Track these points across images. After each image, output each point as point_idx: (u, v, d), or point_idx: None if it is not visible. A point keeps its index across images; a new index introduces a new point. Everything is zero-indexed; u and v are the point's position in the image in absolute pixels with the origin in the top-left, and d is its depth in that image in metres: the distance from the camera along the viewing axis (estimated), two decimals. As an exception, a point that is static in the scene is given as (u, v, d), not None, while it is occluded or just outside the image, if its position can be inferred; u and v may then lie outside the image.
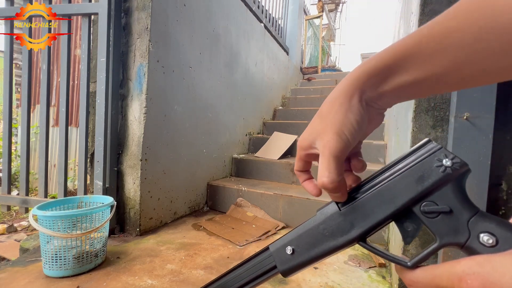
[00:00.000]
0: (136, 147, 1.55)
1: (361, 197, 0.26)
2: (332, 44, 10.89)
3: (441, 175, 0.23)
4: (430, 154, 0.24)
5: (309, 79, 4.69)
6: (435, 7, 0.92)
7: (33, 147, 3.37)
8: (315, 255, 0.27)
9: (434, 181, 0.23)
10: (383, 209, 0.25)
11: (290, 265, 0.28)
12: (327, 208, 0.27)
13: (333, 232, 0.26)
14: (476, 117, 0.82)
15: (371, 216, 0.25)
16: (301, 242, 0.27)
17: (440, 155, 0.23)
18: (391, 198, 0.24)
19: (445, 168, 0.23)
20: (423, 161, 0.24)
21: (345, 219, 0.26)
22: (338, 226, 0.26)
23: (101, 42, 1.46)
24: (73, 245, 1.13)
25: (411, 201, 0.24)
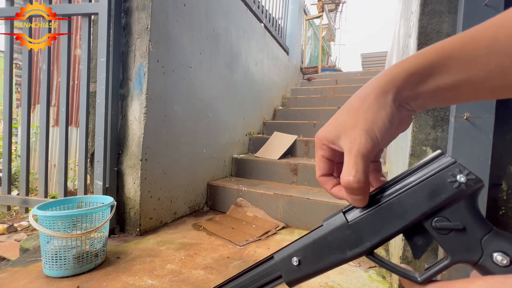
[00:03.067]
0: (136, 147, 1.55)
1: (370, 210, 0.25)
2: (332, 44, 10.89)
3: (455, 191, 0.22)
4: (443, 168, 0.23)
5: (309, 79, 4.69)
6: (435, 7, 0.92)
7: (33, 147, 3.37)
8: (322, 267, 0.26)
9: (447, 197, 0.22)
10: (393, 223, 0.24)
11: (297, 276, 0.27)
12: (334, 219, 0.26)
13: (340, 244, 0.25)
14: (476, 117, 0.82)
15: (380, 230, 0.24)
16: (307, 253, 0.27)
17: (454, 170, 0.22)
18: (402, 213, 0.24)
19: (459, 184, 0.22)
20: (436, 176, 0.23)
21: (353, 232, 0.25)
22: (345, 239, 0.25)
23: (101, 42, 1.46)
24: (73, 245, 1.13)
25: (422, 216, 0.23)
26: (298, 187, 2.10)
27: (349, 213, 0.26)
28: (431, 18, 0.92)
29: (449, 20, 0.91)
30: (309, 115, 3.18)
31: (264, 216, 1.89)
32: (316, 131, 2.82)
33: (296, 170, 2.20)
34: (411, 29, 1.09)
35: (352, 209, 0.26)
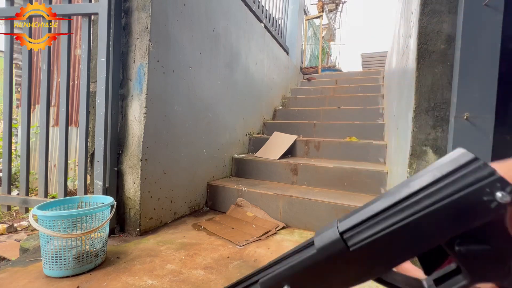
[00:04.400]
0: (136, 147, 1.55)
1: (379, 232, 0.19)
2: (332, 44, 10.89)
3: (492, 215, 0.17)
4: (478, 181, 0.18)
5: (309, 79, 4.69)
6: (435, 7, 0.92)
7: (33, 147, 3.37)
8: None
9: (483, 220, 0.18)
10: (408, 249, 0.19)
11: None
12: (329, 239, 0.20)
13: (339, 273, 0.21)
14: (476, 118, 0.82)
15: (392, 258, 0.20)
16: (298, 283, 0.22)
17: (493, 186, 0.17)
18: (421, 236, 0.19)
19: (498, 205, 0.17)
20: (470, 191, 0.18)
21: (356, 259, 0.20)
22: (345, 266, 0.20)
23: (101, 42, 1.46)
24: (73, 245, 1.13)
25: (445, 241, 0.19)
26: (298, 187, 2.10)
27: (348, 233, 0.20)
28: (431, 18, 0.92)
29: (449, 20, 0.91)
30: (309, 115, 3.18)
31: (264, 216, 1.89)
32: (316, 131, 2.80)
33: (296, 170, 2.20)
34: (411, 29, 1.09)
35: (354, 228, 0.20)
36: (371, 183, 1.92)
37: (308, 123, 2.92)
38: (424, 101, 0.93)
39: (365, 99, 3.26)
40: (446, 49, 0.91)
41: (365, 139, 2.50)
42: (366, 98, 3.26)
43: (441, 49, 0.91)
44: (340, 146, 2.40)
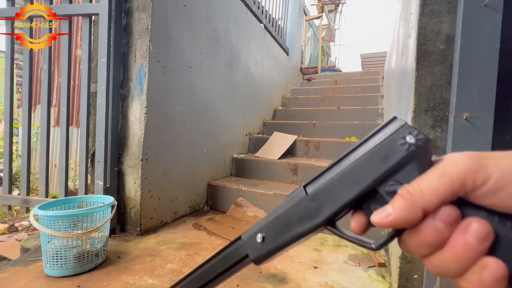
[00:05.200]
0: (136, 147, 1.55)
1: (328, 180, 0.25)
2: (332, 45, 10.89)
3: (405, 153, 0.22)
4: (394, 132, 0.23)
5: (309, 79, 4.69)
6: (434, 8, 0.93)
7: (34, 147, 3.37)
8: (284, 241, 0.26)
9: (398, 159, 0.22)
10: (348, 191, 0.24)
11: (260, 253, 0.27)
12: (296, 193, 0.27)
13: (300, 217, 0.26)
14: (476, 117, 0.82)
15: (337, 199, 0.24)
16: (270, 229, 0.27)
17: (404, 132, 0.22)
18: (357, 180, 0.23)
19: (409, 146, 0.22)
20: (388, 140, 0.23)
21: (312, 203, 0.25)
22: (305, 211, 0.26)
23: (101, 43, 1.46)
24: (74, 244, 1.14)
25: (375, 182, 0.23)
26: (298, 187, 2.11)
27: (309, 186, 0.26)
28: (431, 18, 0.93)
29: (448, 21, 0.91)
30: (309, 115, 3.18)
31: (264, 215, 1.89)
32: (316, 131, 2.80)
33: (296, 170, 2.21)
34: (411, 30, 1.09)
35: (313, 181, 0.26)
36: (371, 183, 1.93)
37: (308, 123, 2.92)
38: (423, 101, 0.93)
39: (364, 99, 3.26)
40: (445, 49, 0.91)
41: (365, 139, 2.50)
42: (366, 98, 3.27)
43: (441, 50, 0.92)
44: (340, 146, 2.41)
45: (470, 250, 0.18)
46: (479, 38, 0.82)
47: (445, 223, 0.19)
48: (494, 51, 0.81)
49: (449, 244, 0.19)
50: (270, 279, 1.17)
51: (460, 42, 0.84)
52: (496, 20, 0.80)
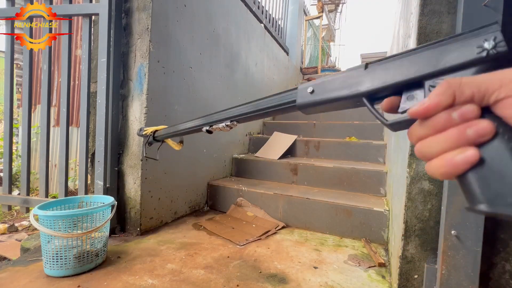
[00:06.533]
0: (136, 147, 1.55)
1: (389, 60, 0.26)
2: (332, 45, 10.89)
3: (473, 57, 0.21)
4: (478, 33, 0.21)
5: (309, 79, 4.69)
6: (434, 8, 0.92)
7: (34, 147, 3.37)
8: (327, 98, 0.30)
9: (463, 62, 0.21)
10: (398, 75, 0.24)
11: (306, 100, 0.32)
12: (357, 66, 0.29)
13: (350, 84, 0.28)
14: (475, 117, 0.82)
15: (385, 78, 0.26)
16: (322, 86, 0.31)
17: (489, 36, 0.20)
18: (412, 67, 0.23)
19: (482, 50, 0.20)
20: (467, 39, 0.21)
21: (365, 76, 0.27)
22: (356, 80, 0.28)
23: (101, 43, 1.46)
24: (74, 244, 1.14)
25: (427, 76, 0.23)
26: (298, 187, 2.11)
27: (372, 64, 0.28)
28: (431, 18, 0.93)
29: (448, 21, 0.91)
30: (309, 115, 3.17)
31: (264, 215, 1.89)
32: (316, 131, 2.80)
33: (296, 170, 2.21)
34: (411, 30, 1.09)
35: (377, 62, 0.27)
36: (371, 182, 1.93)
37: (308, 123, 2.92)
38: (423, 101, 0.94)
39: (365, 99, 3.25)
40: (445, 49, 0.91)
41: (365, 139, 2.50)
42: (366, 98, 3.26)
43: (441, 50, 0.92)
44: (340, 146, 2.41)
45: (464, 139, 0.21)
46: (479, 38, 0.82)
47: (461, 117, 0.21)
48: (494, 51, 0.81)
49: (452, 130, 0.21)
50: (270, 279, 1.17)
51: (460, 42, 0.84)
52: (496, 20, 0.80)
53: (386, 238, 1.56)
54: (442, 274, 0.85)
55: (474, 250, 0.82)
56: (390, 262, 1.27)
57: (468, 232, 0.82)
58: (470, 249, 0.82)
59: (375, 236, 1.59)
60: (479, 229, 0.81)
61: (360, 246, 1.54)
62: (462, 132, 0.21)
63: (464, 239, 0.83)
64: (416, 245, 0.94)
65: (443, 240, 0.84)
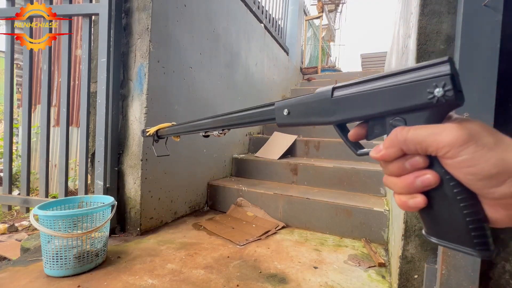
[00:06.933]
0: (136, 147, 1.55)
1: (353, 93, 0.28)
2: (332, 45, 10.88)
3: (425, 101, 0.23)
4: (432, 78, 0.23)
5: (309, 79, 4.69)
6: (434, 8, 0.92)
7: (34, 147, 3.37)
8: (302, 121, 0.34)
9: (416, 104, 0.24)
10: (364, 110, 0.27)
11: (284, 122, 0.36)
12: (324, 92, 0.31)
13: (320, 111, 0.31)
14: (476, 118, 0.82)
15: (351, 112, 0.29)
16: (296, 109, 0.34)
17: (439, 82, 0.22)
18: (375, 104, 0.26)
19: (433, 97, 0.22)
20: (421, 83, 0.23)
21: (331, 106, 0.30)
22: (325, 108, 0.31)
23: (101, 43, 1.46)
24: (74, 244, 1.14)
25: (388, 112, 0.26)
26: (298, 187, 2.11)
27: (337, 90, 0.30)
28: (431, 18, 0.93)
29: (448, 21, 0.91)
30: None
31: (264, 215, 1.89)
32: (316, 131, 2.79)
33: (296, 170, 2.21)
34: (411, 30, 1.09)
35: (342, 88, 0.30)
36: (371, 182, 1.93)
37: (308, 123, 2.91)
38: (423, 101, 0.94)
39: (365, 99, 3.26)
40: (445, 49, 0.91)
41: (365, 139, 2.50)
42: (366, 98, 3.26)
43: (441, 50, 0.92)
44: (340, 146, 2.40)
45: (413, 188, 0.25)
46: (479, 38, 0.82)
47: (411, 167, 0.25)
48: (494, 51, 0.81)
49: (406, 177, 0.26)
50: (270, 279, 1.17)
51: (460, 42, 0.84)
52: (496, 20, 0.80)
53: (386, 238, 1.56)
54: (442, 274, 0.85)
55: (474, 250, 0.82)
56: (390, 262, 1.27)
57: (468, 232, 0.82)
58: (470, 249, 0.82)
59: (375, 236, 1.59)
60: (479, 229, 0.81)
61: (360, 246, 1.54)
62: (413, 182, 0.25)
63: (464, 239, 0.82)
64: (416, 245, 0.94)
65: (443, 240, 0.84)
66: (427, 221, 0.27)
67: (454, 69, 0.22)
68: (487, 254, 0.24)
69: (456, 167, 0.23)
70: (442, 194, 0.25)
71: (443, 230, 0.26)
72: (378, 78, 0.26)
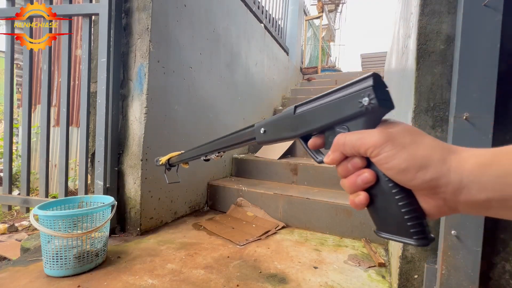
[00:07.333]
0: (136, 147, 1.55)
1: (308, 109, 0.34)
2: (332, 45, 10.88)
3: (357, 110, 0.28)
4: (359, 90, 0.28)
5: (309, 79, 4.69)
6: (434, 8, 0.92)
7: (34, 147, 3.37)
8: (276, 137, 0.39)
9: (352, 113, 0.29)
10: (317, 122, 0.33)
11: (262, 139, 0.41)
12: (288, 109, 0.37)
13: (287, 127, 0.37)
14: (476, 117, 0.82)
15: (309, 125, 0.34)
16: (270, 127, 0.40)
17: (365, 93, 0.27)
18: (324, 117, 0.32)
19: (362, 105, 0.28)
20: (353, 95, 0.29)
21: (294, 121, 0.35)
22: (290, 124, 0.36)
23: (101, 43, 1.46)
24: (74, 244, 1.14)
25: (334, 122, 0.31)
26: (298, 187, 2.11)
27: (299, 108, 0.35)
28: (431, 18, 0.93)
29: (448, 21, 0.91)
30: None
31: (264, 215, 1.89)
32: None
33: (296, 170, 2.21)
34: (411, 30, 1.09)
35: (302, 105, 0.35)
36: (371, 183, 1.92)
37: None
38: (423, 101, 0.93)
39: (365, 99, 3.25)
40: (445, 49, 0.91)
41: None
42: (366, 98, 3.26)
43: (441, 50, 0.92)
44: (340, 146, 2.40)
45: (356, 186, 0.29)
46: (479, 38, 0.82)
47: (352, 167, 0.30)
48: (494, 51, 0.81)
49: (350, 177, 0.30)
50: (270, 279, 1.17)
51: (460, 42, 0.84)
52: (496, 20, 0.80)
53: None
54: (442, 274, 0.85)
55: (474, 250, 0.82)
56: (390, 262, 1.27)
57: (468, 232, 0.82)
58: (470, 249, 0.82)
59: (375, 236, 1.59)
60: (479, 229, 0.81)
61: (360, 246, 1.54)
62: (355, 181, 0.29)
63: (464, 239, 0.83)
64: (416, 245, 0.94)
65: (443, 240, 0.84)
66: (375, 218, 0.30)
67: (379, 82, 0.28)
68: (424, 242, 0.27)
69: (380, 164, 0.27)
70: (380, 191, 0.28)
71: (387, 224, 0.29)
72: (328, 94, 0.32)
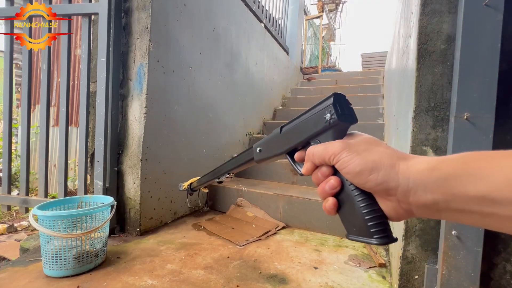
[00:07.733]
0: (136, 147, 1.55)
1: (289, 128, 0.38)
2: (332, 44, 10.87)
3: (324, 125, 0.33)
4: (323, 108, 0.33)
5: (309, 79, 4.69)
6: (435, 7, 0.92)
7: (33, 147, 3.37)
8: (270, 155, 0.43)
9: (320, 128, 0.34)
10: (297, 138, 0.37)
11: (259, 158, 0.44)
12: (276, 129, 0.41)
13: (277, 145, 0.41)
14: (476, 117, 0.82)
15: (291, 141, 0.38)
16: (264, 146, 0.44)
17: (327, 110, 0.32)
18: (301, 133, 0.36)
19: (326, 121, 0.33)
20: (319, 113, 0.34)
21: (280, 139, 0.40)
22: (277, 142, 0.41)
23: (101, 42, 1.46)
24: (73, 245, 1.13)
25: (309, 137, 0.35)
26: (298, 187, 2.10)
27: (284, 127, 0.40)
28: (431, 18, 0.92)
29: (449, 20, 0.91)
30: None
31: (264, 216, 1.89)
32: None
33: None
34: (411, 29, 1.09)
35: (286, 125, 0.39)
36: (371, 183, 1.92)
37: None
38: (424, 101, 0.93)
39: (365, 99, 3.26)
40: (446, 49, 0.91)
41: (365, 139, 2.49)
42: (366, 98, 3.26)
43: (441, 49, 0.91)
44: (340, 146, 2.40)
45: (325, 192, 0.33)
46: (480, 37, 0.82)
47: (322, 175, 0.33)
48: (495, 51, 0.81)
49: (321, 185, 0.33)
50: (270, 280, 1.16)
51: (461, 41, 0.83)
52: (497, 19, 0.80)
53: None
54: (442, 274, 0.85)
55: (475, 251, 0.82)
56: (391, 263, 1.26)
57: (469, 232, 0.82)
58: (471, 249, 0.82)
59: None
60: (480, 229, 0.81)
61: (361, 246, 1.54)
62: (324, 187, 0.33)
63: (465, 239, 0.82)
64: (416, 245, 0.94)
65: (444, 241, 0.84)
66: (344, 222, 0.33)
67: (340, 100, 0.33)
68: (384, 241, 0.29)
69: (340, 169, 0.31)
70: (346, 195, 0.32)
71: (353, 226, 0.31)
72: (304, 113, 0.36)
